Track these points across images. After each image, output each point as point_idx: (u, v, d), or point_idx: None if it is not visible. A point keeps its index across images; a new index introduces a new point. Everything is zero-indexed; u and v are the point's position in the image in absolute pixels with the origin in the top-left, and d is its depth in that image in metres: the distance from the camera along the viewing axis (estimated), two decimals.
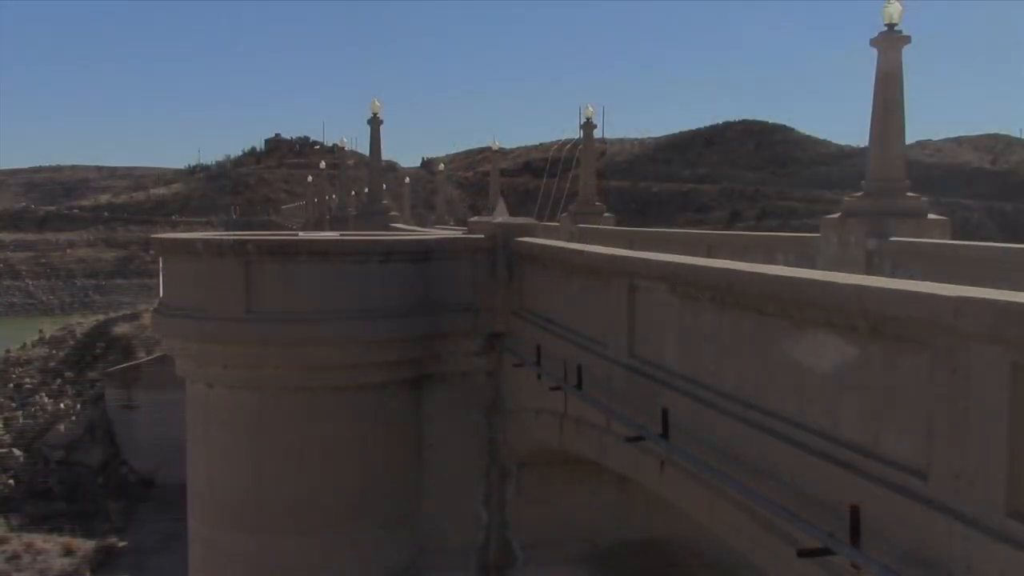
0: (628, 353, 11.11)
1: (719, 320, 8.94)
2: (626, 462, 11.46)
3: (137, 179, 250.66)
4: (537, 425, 15.03)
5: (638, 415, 10.44)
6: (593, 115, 38.22)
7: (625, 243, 26.20)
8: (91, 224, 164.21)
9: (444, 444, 16.94)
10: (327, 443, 15.98)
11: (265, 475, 15.98)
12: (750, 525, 8.31)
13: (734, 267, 8.73)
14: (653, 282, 10.46)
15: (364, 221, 39.66)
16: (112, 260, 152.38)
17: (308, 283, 15.50)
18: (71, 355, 54.54)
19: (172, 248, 16.97)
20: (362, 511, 16.20)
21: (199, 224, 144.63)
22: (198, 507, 17.14)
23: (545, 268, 14.92)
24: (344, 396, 16.07)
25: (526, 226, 17.06)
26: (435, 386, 16.95)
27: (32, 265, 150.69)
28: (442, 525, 16.94)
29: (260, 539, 16.06)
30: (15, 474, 45.27)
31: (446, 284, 16.47)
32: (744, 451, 8.29)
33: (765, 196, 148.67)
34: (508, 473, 17.09)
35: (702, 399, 9.17)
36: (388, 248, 16.13)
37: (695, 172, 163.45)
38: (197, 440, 17.14)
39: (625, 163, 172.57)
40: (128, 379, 48.49)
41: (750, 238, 26.34)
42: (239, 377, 16.06)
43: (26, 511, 42.48)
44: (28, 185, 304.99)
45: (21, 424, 48.02)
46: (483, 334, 16.68)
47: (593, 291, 12.44)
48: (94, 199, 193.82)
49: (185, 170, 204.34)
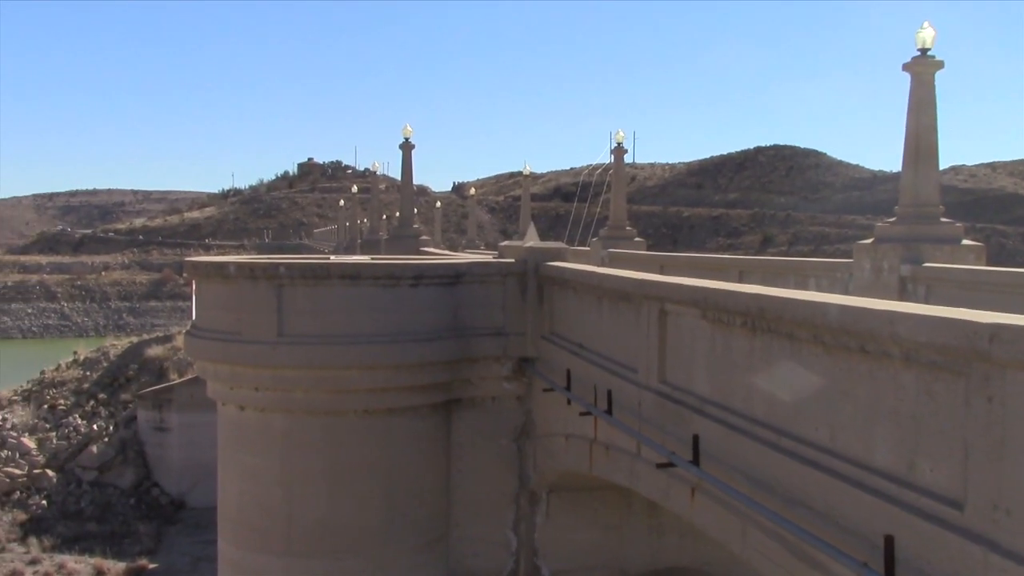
0: (658, 378, 11.05)
1: (751, 346, 8.88)
2: (656, 489, 11.37)
3: (171, 203, 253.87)
4: (567, 450, 14.96)
5: (668, 441, 10.37)
6: (624, 140, 38.30)
7: (656, 268, 26.12)
8: (126, 247, 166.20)
9: (473, 469, 16.90)
10: (356, 466, 15.99)
11: (294, 498, 16.01)
12: (783, 554, 8.20)
13: (766, 292, 8.66)
14: (684, 307, 10.41)
15: (395, 245, 39.85)
16: (146, 283, 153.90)
17: (339, 306, 15.56)
18: (104, 376, 54.97)
19: (205, 271, 17.12)
20: (391, 535, 16.17)
21: (232, 248, 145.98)
22: (227, 529, 17.19)
23: (575, 292, 14.90)
24: (374, 420, 16.09)
25: (556, 250, 17.06)
26: (464, 410, 16.93)
27: (68, 287, 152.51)
28: (471, 550, 16.88)
29: (288, 562, 16.07)
30: (48, 495, 45.59)
31: (476, 308, 16.48)
32: (776, 478, 8.20)
33: (797, 221, 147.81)
34: (537, 499, 17.00)
35: (733, 425, 9.09)
36: (419, 272, 16.18)
37: (726, 197, 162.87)
38: (227, 462, 17.21)
39: (656, 188, 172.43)
40: (160, 401, 48.76)
41: (782, 263, 26.16)
42: (270, 400, 16.13)
43: (58, 532, 42.71)
44: (65, 208, 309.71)
45: (55, 445, 48.40)
46: (513, 358, 16.66)
47: (623, 316, 12.40)
48: (129, 222, 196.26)
49: (219, 194, 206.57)
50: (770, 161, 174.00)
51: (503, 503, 16.96)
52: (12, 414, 51.09)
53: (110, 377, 54.66)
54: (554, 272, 15.89)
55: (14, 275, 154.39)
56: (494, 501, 16.93)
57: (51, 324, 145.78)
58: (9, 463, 46.66)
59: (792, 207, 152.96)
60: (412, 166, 40.23)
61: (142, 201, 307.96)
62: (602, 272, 14.58)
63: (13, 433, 48.96)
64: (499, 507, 16.95)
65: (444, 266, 16.93)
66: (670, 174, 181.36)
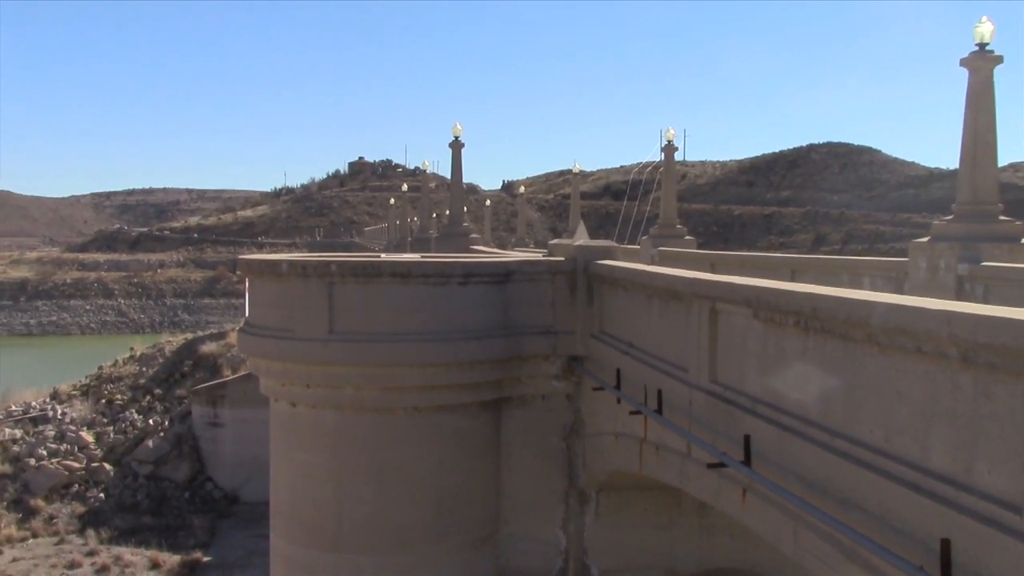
0: (709, 378, 10.97)
1: (803, 346, 8.78)
2: (707, 489, 11.29)
3: (225, 201, 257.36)
4: (616, 449, 14.91)
5: (719, 441, 10.29)
6: (674, 137, 37.99)
7: (706, 267, 25.92)
8: (181, 245, 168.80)
9: (522, 467, 16.91)
10: (406, 464, 16.08)
11: (345, 494, 16.14)
12: (836, 556, 8.10)
13: (819, 291, 8.55)
14: (735, 306, 10.31)
15: (445, 243, 39.96)
16: (200, 280, 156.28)
17: (389, 304, 15.66)
18: (160, 372, 55.91)
19: (258, 269, 17.32)
20: (440, 533, 16.24)
21: (284, 246, 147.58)
22: (279, 524, 17.38)
23: (625, 291, 14.84)
24: (423, 417, 16.17)
25: (606, 249, 16.99)
26: (514, 409, 16.95)
27: (124, 285, 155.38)
28: (520, 549, 16.89)
29: (339, 557, 16.20)
30: (105, 488, 46.48)
31: (526, 306, 16.48)
32: (829, 480, 8.10)
33: (850, 219, 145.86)
34: (587, 498, 16.97)
35: (786, 426, 8.99)
36: (468, 270, 16.22)
37: (778, 195, 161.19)
38: (279, 458, 17.40)
39: (707, 186, 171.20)
40: (214, 397, 49.48)
41: (835, 262, 25.79)
42: (321, 396, 16.28)
43: (115, 524, 43.53)
44: (122, 207, 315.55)
45: (112, 439, 49.33)
46: (562, 357, 16.63)
47: (674, 315, 12.33)
48: (184, 221, 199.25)
49: (271, 193, 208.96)
50: (823, 158, 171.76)
51: (552, 502, 16.95)
52: (71, 408, 52.18)
53: (165, 373, 55.58)
54: (604, 271, 15.83)
55: (73, 272, 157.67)
56: (543, 500, 16.92)
57: (108, 320, 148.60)
58: (68, 456, 47.66)
59: (846, 205, 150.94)
60: (462, 164, 40.31)
61: (197, 200, 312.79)
62: (652, 271, 14.50)
63: (72, 427, 49.99)
64: (548, 506, 16.94)
65: (494, 264, 16.96)
66: (721, 172, 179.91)
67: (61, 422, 50.48)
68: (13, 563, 39.53)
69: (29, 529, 42.80)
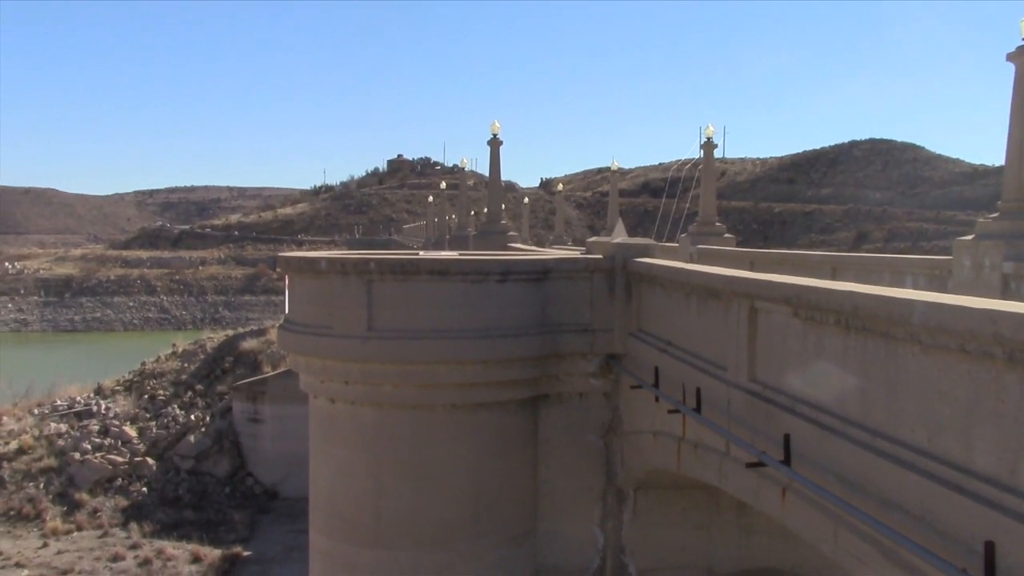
0: (748, 376, 10.90)
1: (844, 344, 8.69)
2: (746, 488, 11.22)
3: (265, 199, 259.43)
4: (654, 448, 14.86)
5: (758, 440, 10.22)
6: (713, 134, 37.73)
7: (746, 264, 25.74)
8: (222, 243, 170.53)
9: (560, 465, 16.91)
10: (444, 460, 16.13)
11: (383, 490, 16.23)
12: (877, 557, 8.02)
13: (860, 290, 8.46)
14: (775, 304, 10.24)
15: (483, 241, 40.02)
16: (241, 277, 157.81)
17: (427, 302, 15.71)
18: (201, 368, 56.55)
19: (297, 266, 17.44)
20: (478, 529, 16.28)
21: (323, 243, 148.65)
22: (318, 519, 17.51)
23: (663, 289, 14.78)
24: (461, 414, 16.21)
25: (644, 247, 16.93)
26: (552, 406, 16.94)
27: (167, 281, 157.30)
28: (558, 547, 16.89)
29: (377, 553, 16.30)
30: (148, 482, 47.12)
31: (563, 304, 16.46)
32: (871, 480, 8.02)
33: (893, 217, 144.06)
34: (625, 496, 16.93)
35: (826, 425, 8.92)
36: (506, 267, 16.23)
37: (819, 192, 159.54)
38: (319, 454, 17.53)
39: (746, 183, 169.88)
40: (254, 393, 49.95)
41: (877, 260, 25.51)
42: (359, 393, 16.37)
43: (157, 518, 44.13)
44: (164, 205, 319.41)
45: (154, 434, 50.00)
46: (600, 355, 16.60)
47: (712, 313, 12.26)
48: (225, 218, 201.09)
49: (311, 190, 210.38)
50: (865, 155, 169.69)
51: (590, 500, 16.93)
52: (115, 403, 52.94)
53: (207, 369, 56.22)
54: (642, 268, 15.78)
55: (116, 269, 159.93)
56: (581, 497, 16.91)
57: (151, 317, 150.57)
58: (112, 451, 48.38)
59: (888, 202, 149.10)
60: (500, 162, 40.35)
61: (237, 197, 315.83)
62: (691, 268, 14.43)
63: (116, 422, 50.74)
64: (586, 504, 16.93)
65: (531, 262, 16.96)
66: (761, 169, 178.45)
67: (105, 417, 51.24)
68: (58, 555, 40.20)
69: (74, 522, 43.52)
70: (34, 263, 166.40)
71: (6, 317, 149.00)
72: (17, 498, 44.80)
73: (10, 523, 43.47)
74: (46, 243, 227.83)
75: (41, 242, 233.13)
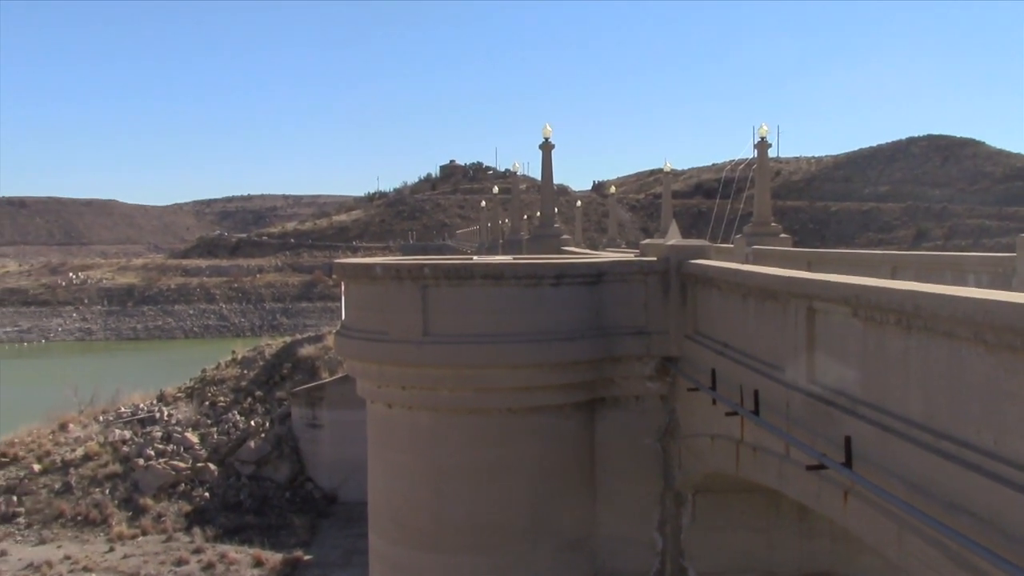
0: (807, 378, 10.77)
1: (905, 345, 8.55)
2: (806, 491, 11.08)
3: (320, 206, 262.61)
4: (712, 451, 14.74)
5: (818, 443, 10.10)
6: (767, 134, 37.37)
7: (802, 265, 25.42)
8: (278, 250, 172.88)
9: (617, 468, 16.85)
10: (501, 465, 16.16)
11: (441, 494, 16.30)
12: (943, 561, 7.87)
13: (921, 289, 8.32)
14: (833, 305, 10.11)
15: (536, 245, 40.03)
16: (298, 284, 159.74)
17: (482, 306, 15.76)
18: (260, 375, 57.30)
19: (353, 273, 17.60)
20: (536, 533, 16.28)
21: (377, 249, 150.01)
22: (377, 524, 17.65)
23: (719, 291, 14.67)
24: (517, 418, 16.23)
25: (699, 248, 16.81)
26: (608, 410, 16.89)
27: (225, 289, 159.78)
28: (616, 550, 16.83)
29: (436, 558, 16.37)
30: (210, 487, 47.87)
31: (618, 307, 16.41)
32: (935, 483, 7.88)
33: (953, 214, 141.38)
34: (683, 499, 16.81)
35: (888, 427, 8.78)
36: (560, 271, 16.22)
37: (876, 190, 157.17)
38: (376, 458, 17.67)
39: (801, 182, 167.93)
40: (313, 398, 50.50)
41: (938, 258, 25.03)
42: (416, 398, 16.47)
43: (219, 522, 44.83)
44: (222, 214, 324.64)
45: (215, 440, 50.78)
46: (656, 357, 16.51)
47: (770, 314, 12.14)
48: (281, 226, 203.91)
49: (364, 197, 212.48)
50: (923, 152, 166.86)
51: (648, 503, 16.84)
52: (177, 410, 53.89)
53: (266, 375, 56.96)
54: (697, 270, 15.68)
55: (177, 278, 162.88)
56: (639, 501, 16.83)
57: (211, 324, 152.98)
58: (175, 457, 49.24)
59: (948, 199, 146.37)
60: (552, 166, 40.29)
61: (293, 205, 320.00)
62: (747, 269, 14.30)
63: (178, 428, 51.64)
64: (644, 507, 16.84)
65: (585, 265, 16.94)
66: (816, 167, 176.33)
67: (167, 423, 52.18)
68: (124, 559, 41.02)
69: (139, 527, 44.37)
70: (97, 273, 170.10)
71: (71, 326, 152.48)
72: (84, 503, 45.80)
73: (77, 528, 44.45)
74: (108, 253, 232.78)
75: (103, 252, 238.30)
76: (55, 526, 44.49)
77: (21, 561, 40.73)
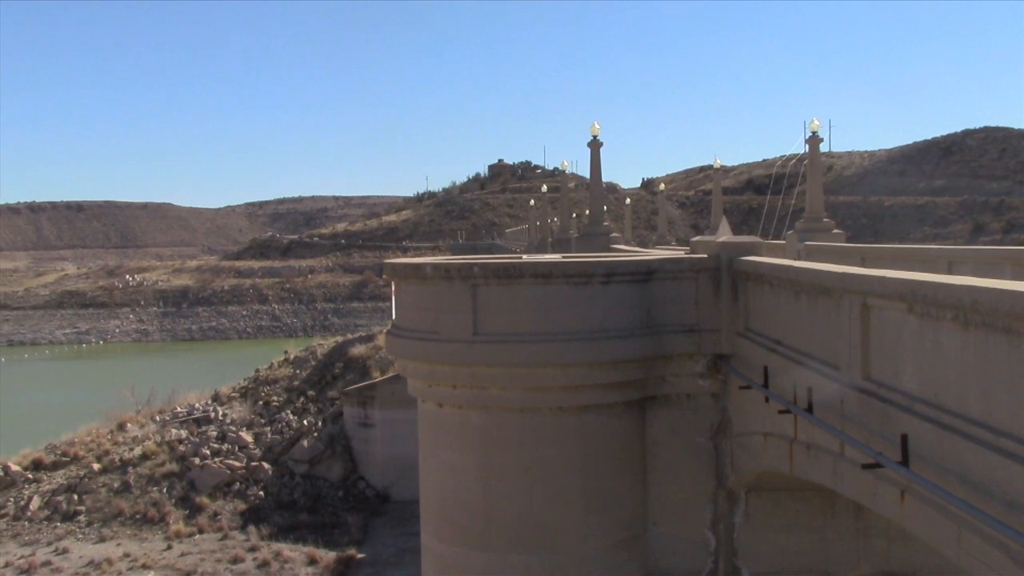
0: (862, 375, 10.62)
1: (963, 341, 8.40)
2: (862, 490, 10.93)
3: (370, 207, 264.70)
4: (765, 449, 14.60)
5: (874, 441, 9.95)
6: (819, 128, 36.89)
7: (856, 260, 25.07)
8: (329, 251, 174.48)
9: (669, 467, 16.76)
10: (552, 463, 16.16)
11: (493, 493, 16.34)
12: (1004, 561, 7.72)
13: (979, 284, 8.17)
14: (888, 301, 9.96)
15: (586, 243, 39.95)
16: (348, 284, 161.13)
17: (532, 305, 15.76)
18: (312, 374, 57.89)
19: (403, 273, 17.69)
20: (588, 532, 16.26)
21: (427, 249, 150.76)
22: (429, 522, 17.73)
23: (771, 287, 14.52)
24: (568, 417, 16.21)
25: (750, 245, 16.65)
26: (659, 408, 16.81)
27: (278, 290, 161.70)
28: (669, 549, 16.74)
29: (488, 556, 16.41)
30: (264, 486, 48.45)
31: (669, 305, 16.32)
32: (995, 481, 7.73)
33: (1012, 207, 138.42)
34: (736, 498, 16.67)
35: (945, 425, 8.63)
36: (610, 269, 16.17)
37: (931, 184, 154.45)
38: (428, 457, 17.75)
39: (854, 177, 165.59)
40: (364, 398, 50.86)
41: (996, 253, 24.52)
42: (467, 397, 16.52)
43: (274, 521, 45.36)
44: (274, 216, 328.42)
45: (269, 439, 51.38)
46: (707, 355, 16.40)
47: (823, 311, 12.00)
48: (332, 227, 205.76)
49: (414, 198, 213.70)
50: (980, 144, 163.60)
51: (700, 502, 16.73)
52: (231, 410, 54.64)
53: (318, 375, 57.55)
54: (748, 267, 15.53)
55: (230, 279, 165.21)
56: (691, 500, 16.73)
57: (263, 325, 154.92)
58: (229, 456, 49.93)
59: (1006, 192, 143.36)
60: (600, 164, 40.20)
61: (343, 206, 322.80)
62: (799, 266, 14.14)
63: (232, 428, 52.37)
64: (696, 506, 16.73)
65: (635, 263, 16.85)
66: (869, 162, 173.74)
67: (222, 423, 52.93)
68: (182, 557, 41.69)
69: (195, 525, 45.06)
70: (152, 275, 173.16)
71: (127, 328, 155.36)
72: (142, 502, 46.63)
73: (136, 526, 45.27)
74: (163, 255, 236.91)
75: (159, 255, 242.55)
76: (114, 524, 45.36)
77: (82, 559, 41.60)
